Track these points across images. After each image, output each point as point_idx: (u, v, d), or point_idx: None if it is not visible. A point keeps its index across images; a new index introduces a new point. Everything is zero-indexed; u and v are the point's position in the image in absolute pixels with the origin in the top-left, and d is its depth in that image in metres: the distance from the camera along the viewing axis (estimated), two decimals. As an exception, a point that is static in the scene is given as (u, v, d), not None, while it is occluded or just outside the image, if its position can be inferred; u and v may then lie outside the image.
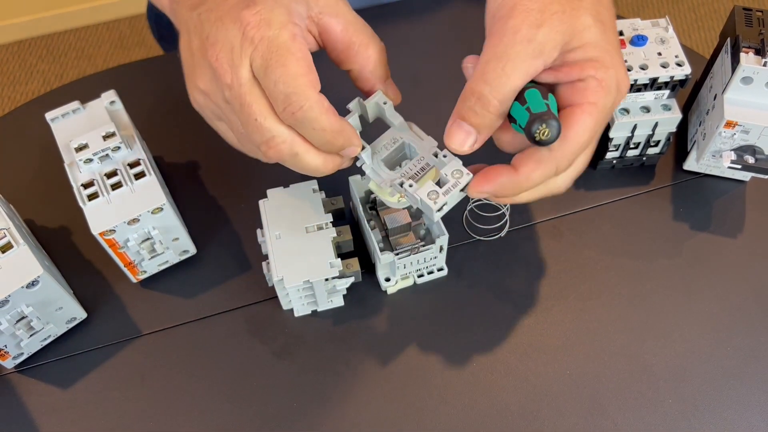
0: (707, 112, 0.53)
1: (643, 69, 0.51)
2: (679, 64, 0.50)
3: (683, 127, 0.58)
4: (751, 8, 0.51)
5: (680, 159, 0.57)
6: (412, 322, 0.50)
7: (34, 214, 0.56)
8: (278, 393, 0.47)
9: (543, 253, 0.53)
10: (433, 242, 0.49)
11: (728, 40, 0.51)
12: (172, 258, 0.52)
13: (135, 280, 0.52)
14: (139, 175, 0.48)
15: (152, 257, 0.50)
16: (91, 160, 0.48)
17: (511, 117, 0.39)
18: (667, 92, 0.52)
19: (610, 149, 0.54)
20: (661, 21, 0.53)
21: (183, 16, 0.42)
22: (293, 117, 0.38)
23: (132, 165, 0.48)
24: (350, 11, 0.43)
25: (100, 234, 0.46)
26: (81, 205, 0.47)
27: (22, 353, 0.48)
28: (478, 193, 0.40)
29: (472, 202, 0.54)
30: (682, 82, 0.51)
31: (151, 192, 0.47)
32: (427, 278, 0.51)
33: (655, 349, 0.48)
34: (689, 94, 0.59)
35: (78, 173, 0.48)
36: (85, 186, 0.47)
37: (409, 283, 0.51)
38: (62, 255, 0.54)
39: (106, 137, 0.48)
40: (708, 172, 0.55)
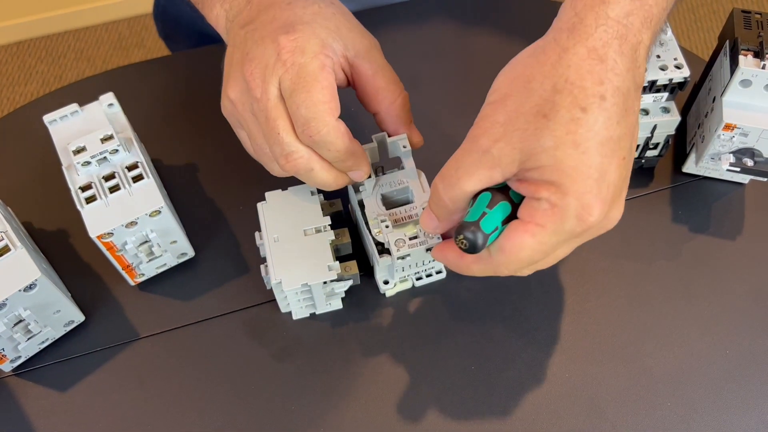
0: (706, 115, 0.53)
1: (641, 71, 0.50)
2: (678, 67, 0.50)
3: (682, 129, 0.58)
4: (749, 11, 0.51)
5: (679, 161, 0.57)
6: (411, 325, 0.50)
7: (32, 216, 0.56)
8: (277, 396, 0.47)
9: (542, 256, 0.53)
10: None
11: (727, 42, 0.51)
12: (170, 261, 0.52)
13: (133, 283, 0.52)
14: (137, 178, 0.48)
15: (150, 260, 0.50)
16: (89, 162, 0.48)
17: None
18: (665, 95, 0.52)
19: (609, 152, 0.54)
20: (659, 23, 0.53)
21: (234, 32, 0.46)
22: (311, 139, 0.42)
23: (130, 168, 0.48)
24: (382, 58, 0.47)
25: (97, 237, 0.46)
26: (79, 207, 0.47)
27: (20, 356, 0.48)
28: (436, 258, 0.44)
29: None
30: (681, 85, 0.51)
31: (149, 195, 0.47)
32: (425, 281, 0.51)
33: (654, 351, 0.48)
34: (688, 96, 0.59)
35: (76, 176, 0.48)
36: (83, 189, 0.47)
37: (407, 285, 0.51)
38: (60, 258, 0.54)
39: (104, 140, 0.48)
40: (707, 174, 0.55)
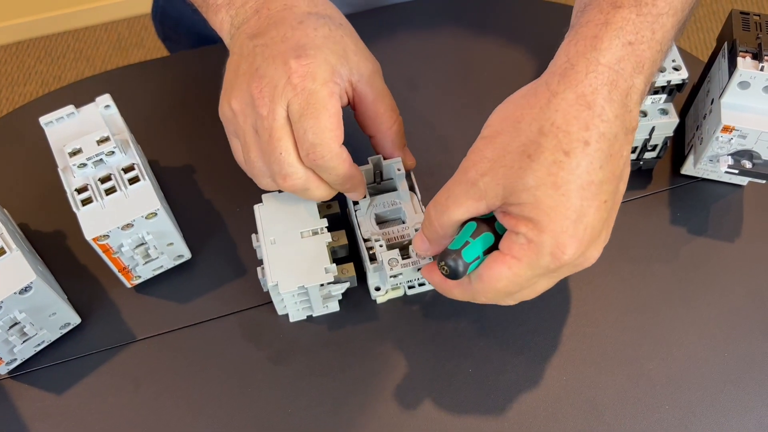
0: (704, 117, 0.52)
1: (639, 73, 0.50)
2: (676, 69, 0.50)
3: (680, 131, 0.58)
4: (748, 12, 0.50)
5: (677, 163, 0.57)
6: (408, 328, 0.50)
7: (28, 218, 0.56)
8: (273, 398, 0.47)
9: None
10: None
11: (725, 44, 0.51)
12: (166, 263, 0.52)
13: (129, 285, 0.51)
14: (134, 180, 0.48)
15: (146, 262, 0.50)
16: (85, 164, 0.48)
17: None
18: (664, 96, 0.51)
19: (607, 153, 0.54)
20: (658, 25, 0.53)
21: (240, 41, 0.46)
22: (314, 163, 0.44)
23: (126, 170, 0.48)
24: (382, 83, 0.48)
25: (93, 239, 0.46)
26: (75, 210, 0.46)
27: (16, 359, 0.48)
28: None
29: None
30: (680, 87, 0.51)
31: (146, 197, 0.47)
32: (417, 290, 0.51)
33: (652, 354, 0.48)
34: (686, 98, 0.59)
35: (72, 178, 0.48)
36: (79, 191, 0.47)
37: (399, 293, 0.51)
38: (56, 260, 0.53)
39: (100, 142, 0.48)
40: (705, 176, 0.55)
